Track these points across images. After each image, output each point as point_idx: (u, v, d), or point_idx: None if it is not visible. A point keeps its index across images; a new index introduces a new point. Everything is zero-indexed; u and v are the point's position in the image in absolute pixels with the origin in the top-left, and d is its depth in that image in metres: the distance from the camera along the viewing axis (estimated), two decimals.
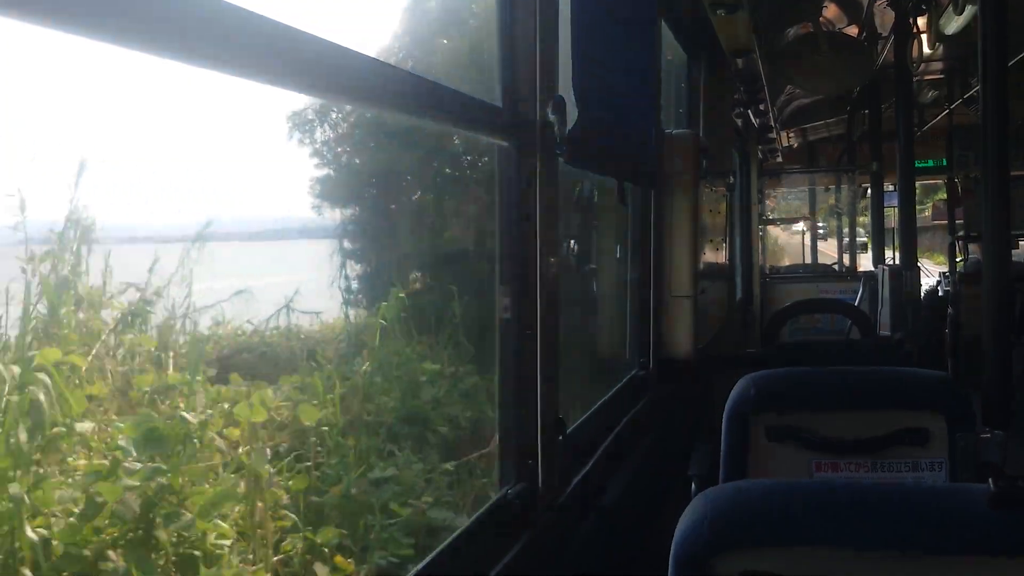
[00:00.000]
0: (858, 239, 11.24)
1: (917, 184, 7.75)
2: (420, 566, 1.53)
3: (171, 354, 3.79)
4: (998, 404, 2.51)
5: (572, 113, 1.98)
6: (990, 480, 1.16)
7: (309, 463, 3.75)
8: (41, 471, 2.80)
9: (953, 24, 4.21)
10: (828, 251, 12.88)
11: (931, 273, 8.85)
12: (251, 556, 3.12)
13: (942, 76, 7.60)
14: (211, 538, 2.93)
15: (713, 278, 4.24)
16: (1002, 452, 2.34)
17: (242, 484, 3.20)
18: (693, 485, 2.44)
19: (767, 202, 10.54)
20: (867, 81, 6.37)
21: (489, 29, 1.89)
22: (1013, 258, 2.96)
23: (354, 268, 6.66)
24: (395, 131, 6.39)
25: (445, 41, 6.54)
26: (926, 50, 5.09)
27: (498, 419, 1.89)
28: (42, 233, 3.38)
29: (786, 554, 1.20)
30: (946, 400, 2.14)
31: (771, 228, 11.64)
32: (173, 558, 2.86)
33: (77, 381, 3.19)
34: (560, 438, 1.95)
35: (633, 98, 2.78)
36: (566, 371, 1.99)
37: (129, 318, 3.76)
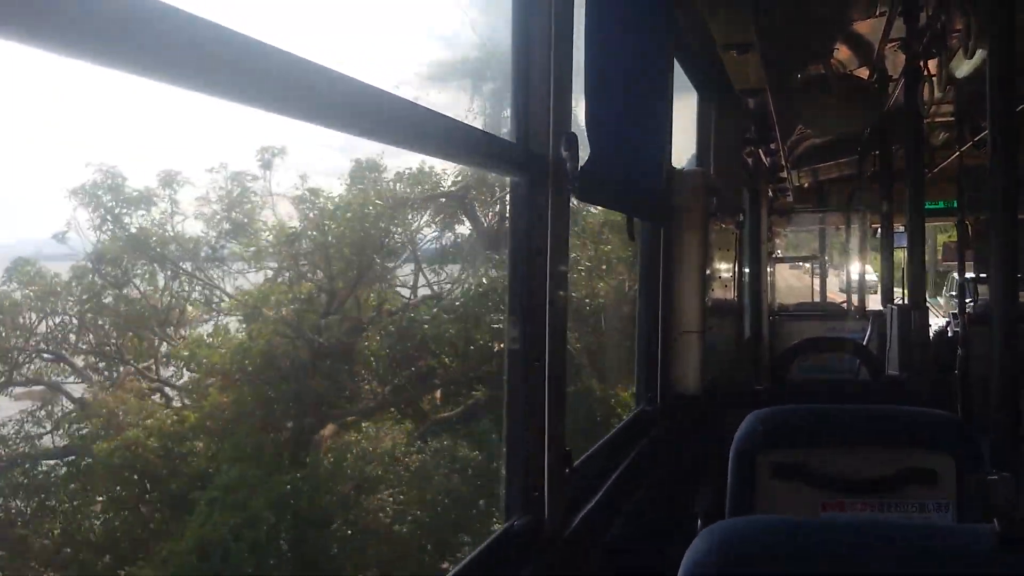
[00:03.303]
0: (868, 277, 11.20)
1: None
2: None
3: None
4: (1007, 446, 2.50)
5: (584, 149, 2.02)
6: (995, 521, 1.17)
7: None
8: None
9: (963, 68, 4.24)
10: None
11: (939, 313, 8.82)
12: None
13: (952, 118, 7.63)
14: None
15: (722, 315, 4.25)
16: (1011, 494, 2.33)
17: None
18: (699, 522, 2.43)
19: (776, 240, 10.55)
20: (877, 123, 6.40)
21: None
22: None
23: None
24: None
25: None
26: (936, 93, 5.12)
27: (505, 450, 1.90)
28: None
29: None
30: (955, 441, 2.13)
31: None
32: None
33: None
34: (567, 471, 1.96)
35: (644, 135, 2.81)
36: None
37: None
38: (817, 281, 13.82)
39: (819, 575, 1.21)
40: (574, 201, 2.03)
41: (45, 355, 13.18)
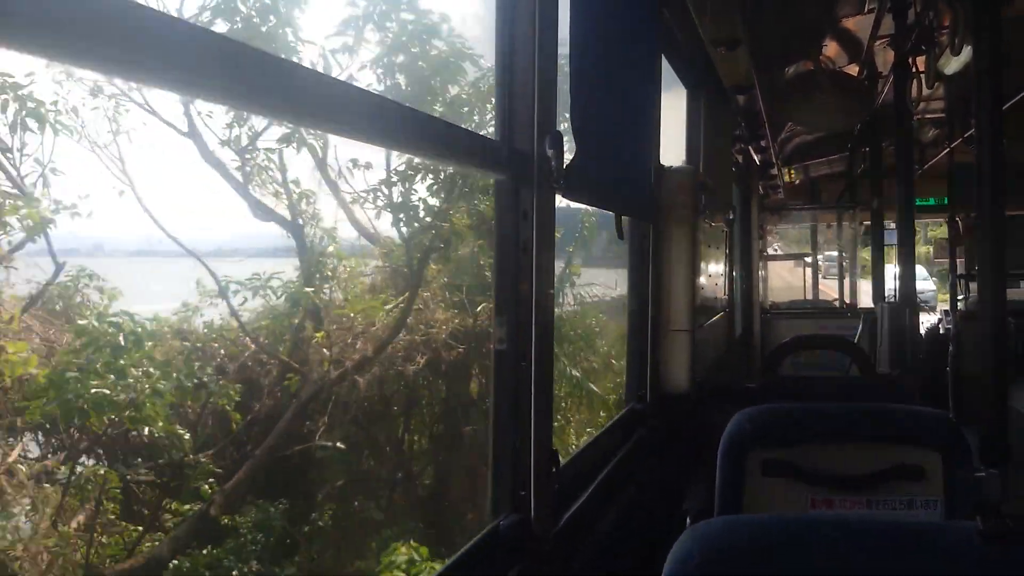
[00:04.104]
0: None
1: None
2: None
3: None
4: (994, 442, 2.51)
5: (570, 146, 2.01)
6: (978, 517, 1.16)
7: None
8: None
9: (952, 64, 4.25)
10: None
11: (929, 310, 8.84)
12: None
13: (942, 115, 7.65)
14: None
15: (712, 313, 4.25)
16: (998, 490, 2.33)
17: None
18: (688, 520, 2.43)
19: (767, 237, 10.56)
20: (867, 119, 6.41)
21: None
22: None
23: None
24: None
25: None
26: (925, 90, 5.13)
27: (491, 449, 1.89)
28: None
29: None
30: (942, 437, 2.13)
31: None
32: None
33: None
34: (554, 470, 1.95)
35: (632, 132, 2.80)
36: None
37: None
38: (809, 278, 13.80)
39: (802, 573, 1.21)
40: (560, 199, 2.02)
41: None
